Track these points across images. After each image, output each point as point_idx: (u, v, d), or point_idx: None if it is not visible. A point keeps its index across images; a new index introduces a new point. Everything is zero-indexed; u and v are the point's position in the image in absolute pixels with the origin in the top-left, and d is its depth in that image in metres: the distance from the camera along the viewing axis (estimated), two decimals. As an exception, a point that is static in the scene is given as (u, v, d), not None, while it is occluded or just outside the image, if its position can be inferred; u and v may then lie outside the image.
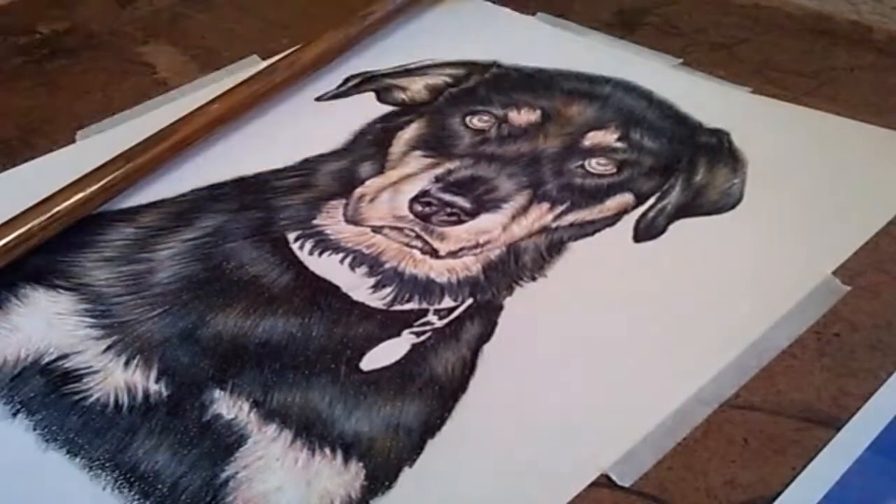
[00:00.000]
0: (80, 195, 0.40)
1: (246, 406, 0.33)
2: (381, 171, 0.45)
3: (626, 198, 0.43)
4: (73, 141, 0.46)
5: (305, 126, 0.48)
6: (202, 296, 0.38)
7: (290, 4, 0.59)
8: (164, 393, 0.34)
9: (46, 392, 0.34)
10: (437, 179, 0.43)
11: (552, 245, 0.41)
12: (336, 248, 0.40)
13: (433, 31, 0.56)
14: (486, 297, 0.38)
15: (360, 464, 0.32)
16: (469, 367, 0.35)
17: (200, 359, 0.35)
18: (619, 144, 0.46)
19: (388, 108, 0.49)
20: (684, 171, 0.45)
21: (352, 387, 0.34)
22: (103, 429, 0.32)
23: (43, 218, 0.39)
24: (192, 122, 0.45)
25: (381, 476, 0.31)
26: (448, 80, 0.51)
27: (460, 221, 0.41)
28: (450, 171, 0.44)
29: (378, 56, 0.50)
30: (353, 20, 0.52)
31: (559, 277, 0.39)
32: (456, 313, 0.37)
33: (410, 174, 0.44)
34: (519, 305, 0.38)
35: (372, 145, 0.46)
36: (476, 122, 0.48)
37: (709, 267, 0.40)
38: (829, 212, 0.43)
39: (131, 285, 0.38)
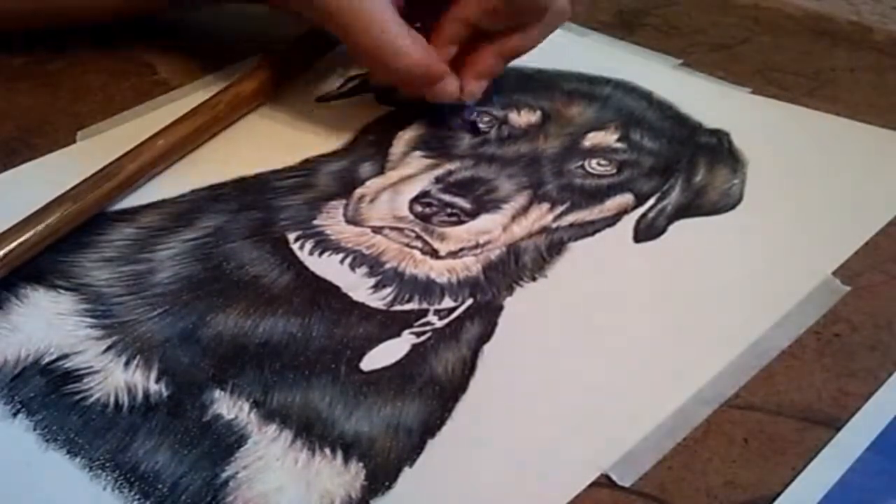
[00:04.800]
0: (17, 242, 0.38)
1: (246, 406, 0.33)
2: (381, 171, 0.45)
3: (626, 198, 0.43)
4: (74, 141, 0.46)
5: (305, 126, 0.48)
6: (202, 296, 0.38)
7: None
8: (165, 393, 0.34)
9: (47, 392, 0.34)
10: (438, 180, 0.43)
11: (552, 245, 0.41)
12: (336, 248, 0.40)
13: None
14: (486, 297, 0.38)
15: (361, 464, 0.32)
16: (469, 368, 0.35)
17: (201, 359, 0.35)
18: (619, 145, 0.47)
19: (388, 109, 0.49)
20: (684, 171, 0.45)
21: (352, 387, 0.34)
22: (103, 429, 0.32)
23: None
24: (138, 159, 0.43)
25: (381, 476, 0.31)
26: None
27: (460, 222, 0.41)
28: (450, 172, 0.44)
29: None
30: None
31: (559, 277, 0.39)
32: (456, 313, 0.37)
33: (411, 175, 0.44)
34: (519, 306, 0.38)
35: (372, 146, 0.46)
36: (476, 122, 0.48)
37: (709, 267, 0.40)
38: (829, 212, 0.43)
39: (132, 285, 0.38)
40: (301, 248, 0.40)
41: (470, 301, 0.38)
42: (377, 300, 0.38)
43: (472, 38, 0.46)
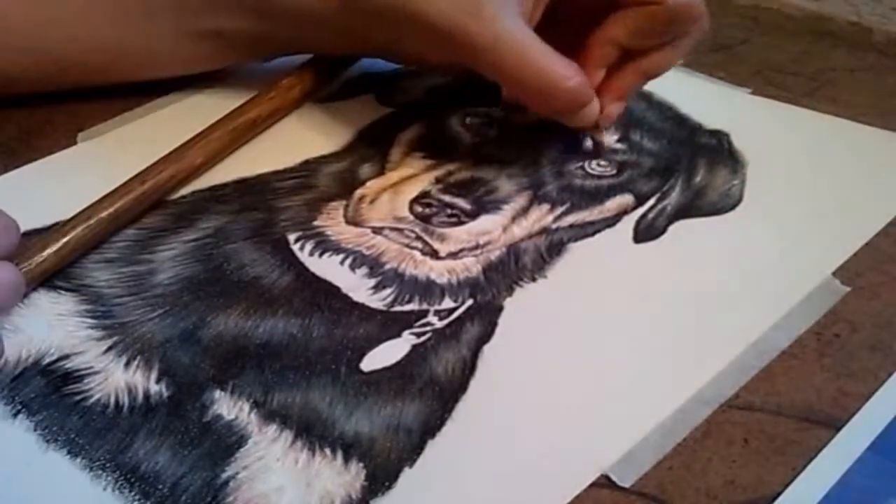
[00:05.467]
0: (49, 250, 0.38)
1: (246, 407, 0.33)
2: (381, 172, 0.45)
3: (626, 199, 0.44)
4: (75, 143, 0.47)
5: (305, 127, 0.48)
6: (203, 297, 0.38)
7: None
8: (165, 394, 0.34)
9: (47, 393, 0.34)
10: (438, 180, 0.43)
11: (552, 246, 0.41)
12: (336, 249, 0.40)
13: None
14: (486, 297, 0.38)
15: (361, 464, 0.32)
16: (469, 368, 0.35)
17: (201, 359, 0.35)
18: (618, 146, 0.47)
19: (388, 110, 0.49)
20: (684, 172, 0.45)
21: (352, 387, 0.34)
22: (104, 429, 0.33)
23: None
24: (175, 169, 0.43)
25: (382, 476, 0.31)
26: (448, 80, 0.52)
27: (460, 222, 0.41)
28: (450, 173, 0.44)
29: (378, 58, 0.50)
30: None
31: (559, 278, 0.39)
32: (456, 314, 0.37)
33: (411, 175, 0.44)
34: (519, 306, 0.38)
35: (372, 146, 0.46)
36: (476, 122, 0.48)
37: (708, 267, 0.40)
38: (829, 212, 0.43)
39: (132, 286, 0.38)
40: (301, 248, 0.40)
41: (470, 301, 0.38)
42: (377, 301, 0.38)
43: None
